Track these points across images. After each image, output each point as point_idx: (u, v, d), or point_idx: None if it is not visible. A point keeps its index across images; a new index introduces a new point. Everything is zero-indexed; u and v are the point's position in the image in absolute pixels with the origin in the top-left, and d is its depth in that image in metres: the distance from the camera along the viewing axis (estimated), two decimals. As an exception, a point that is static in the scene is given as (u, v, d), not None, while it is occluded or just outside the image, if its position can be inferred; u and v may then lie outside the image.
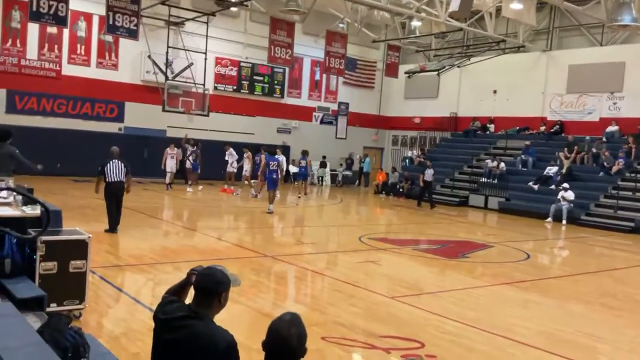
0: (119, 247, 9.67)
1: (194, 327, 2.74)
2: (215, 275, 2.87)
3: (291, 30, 21.79)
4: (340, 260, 10.20)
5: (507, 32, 24.43)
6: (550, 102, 23.55)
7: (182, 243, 10.58)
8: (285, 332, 2.45)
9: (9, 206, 5.78)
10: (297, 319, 2.54)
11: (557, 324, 6.67)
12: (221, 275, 2.88)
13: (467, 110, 26.51)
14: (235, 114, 25.14)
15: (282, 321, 2.50)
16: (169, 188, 18.97)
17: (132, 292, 6.79)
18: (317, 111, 28.06)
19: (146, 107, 22.39)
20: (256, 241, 11.53)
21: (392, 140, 30.38)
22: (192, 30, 22.20)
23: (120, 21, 18.31)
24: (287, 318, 2.52)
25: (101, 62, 21.94)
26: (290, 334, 2.45)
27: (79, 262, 5.35)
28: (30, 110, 20.54)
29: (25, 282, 4.89)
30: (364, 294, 7.47)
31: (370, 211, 20.10)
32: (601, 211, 17.91)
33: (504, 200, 20.36)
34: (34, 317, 4.13)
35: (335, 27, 24.34)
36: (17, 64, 20.23)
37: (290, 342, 2.44)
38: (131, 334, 5.26)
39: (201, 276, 2.89)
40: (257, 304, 6.58)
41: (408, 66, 27.89)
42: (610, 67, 21.49)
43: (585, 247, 14.09)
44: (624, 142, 20.04)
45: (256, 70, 25.59)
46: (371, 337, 5.62)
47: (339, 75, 24.95)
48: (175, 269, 8.20)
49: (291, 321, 2.50)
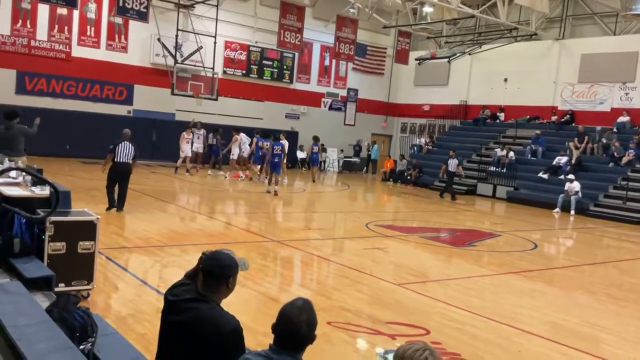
0: (127, 229, 9.72)
1: (199, 311, 2.75)
2: (223, 259, 2.86)
3: (301, 14, 21.66)
4: (346, 246, 10.21)
5: (519, 19, 24.16)
6: (562, 91, 23.36)
7: (190, 226, 10.62)
8: (296, 319, 2.46)
9: (18, 186, 5.82)
10: (309, 305, 2.55)
11: (563, 314, 6.66)
12: (228, 259, 2.87)
13: (477, 98, 26.34)
14: (244, 98, 25.11)
15: (294, 307, 2.51)
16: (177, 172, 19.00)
17: (140, 274, 6.84)
18: (326, 97, 27.96)
19: (155, 90, 22.40)
20: (263, 226, 11.56)
21: (400, 127, 30.26)
22: (202, 14, 22.12)
23: (130, 3, 18.28)
24: (299, 304, 2.53)
25: (111, 45, 21.93)
26: (301, 320, 2.47)
27: (88, 243, 5.38)
28: (40, 92, 20.60)
29: (34, 262, 4.92)
30: (370, 280, 7.49)
31: (377, 198, 20.09)
32: (610, 202, 17.81)
33: (512, 190, 20.28)
34: (43, 297, 4.17)
35: (346, 12, 24.17)
36: (27, 45, 20.25)
37: (301, 328, 2.45)
38: (138, 315, 5.31)
39: (208, 260, 2.87)
40: (263, 287, 6.61)
41: (418, 53, 27.68)
42: (623, 57, 21.25)
43: (593, 238, 14.04)
44: (634, 133, 19.86)
45: (265, 55, 25.50)
46: (377, 323, 5.64)
47: (349, 61, 24.82)
48: (182, 252, 8.25)
49: (302, 307, 2.51)
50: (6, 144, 9.19)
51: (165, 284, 6.68)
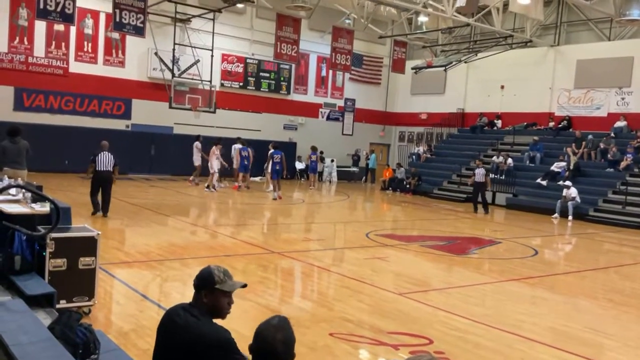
0: (127, 244, 9.72)
1: (191, 322, 2.77)
2: (202, 272, 2.87)
3: (297, 26, 21.76)
4: (347, 256, 10.21)
5: (514, 27, 24.32)
6: (558, 97, 23.45)
7: (190, 239, 10.62)
8: (271, 338, 2.38)
9: (18, 203, 5.82)
10: (284, 322, 2.46)
11: (565, 320, 6.66)
12: (207, 273, 2.85)
13: (474, 106, 26.43)
14: (242, 110, 25.18)
15: (269, 325, 2.43)
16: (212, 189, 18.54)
17: (141, 289, 6.83)
18: (324, 107, 28.04)
19: (153, 104, 22.47)
20: (263, 237, 11.55)
21: (398, 136, 30.33)
22: (199, 27, 22.23)
23: (126, 18, 18.34)
24: (274, 322, 2.45)
25: (108, 60, 22.02)
26: (276, 339, 2.38)
27: (88, 258, 5.38)
28: (38, 108, 20.64)
29: (35, 278, 4.92)
30: (371, 290, 7.48)
31: (377, 207, 20.09)
32: (609, 207, 17.83)
33: (511, 196, 20.30)
34: (44, 314, 4.17)
35: (342, 23, 24.29)
36: (25, 62, 20.32)
37: (277, 347, 2.37)
38: (140, 330, 5.29)
39: (196, 277, 2.91)
40: (264, 300, 6.60)
41: (415, 62, 27.80)
42: (619, 62, 21.36)
43: (593, 243, 14.04)
44: (632, 138, 19.92)
45: (262, 67, 25.60)
46: (379, 333, 5.63)
47: (346, 71, 24.90)
48: (183, 266, 8.25)
49: (278, 326, 2.43)
50: (14, 158, 9.71)
51: (166, 298, 6.68)
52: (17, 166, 9.56)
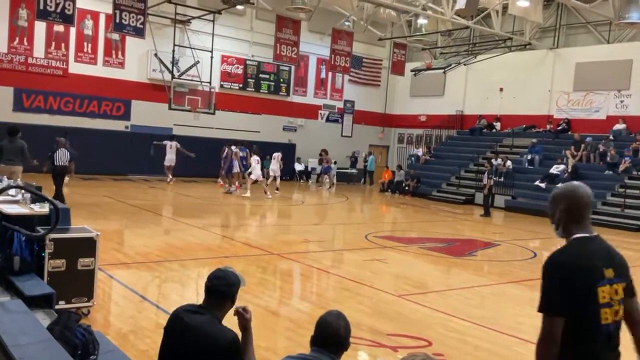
0: (126, 245, 9.72)
1: (199, 324, 2.82)
2: (229, 277, 2.96)
3: (297, 28, 21.77)
4: (346, 258, 10.21)
5: (513, 29, 24.34)
6: (557, 100, 23.46)
7: (189, 240, 10.61)
8: (335, 324, 2.73)
9: (17, 204, 5.82)
10: (343, 314, 2.82)
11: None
12: (234, 277, 2.98)
13: (473, 108, 26.45)
14: (241, 112, 25.18)
15: (331, 315, 2.78)
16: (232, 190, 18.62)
17: (140, 290, 6.82)
18: (323, 109, 28.05)
19: (152, 105, 22.46)
20: (262, 239, 11.55)
21: (397, 138, 30.34)
22: (199, 29, 22.22)
23: (126, 19, 18.35)
24: (335, 312, 2.81)
25: (108, 61, 22.01)
26: (340, 324, 2.74)
27: (87, 259, 5.38)
28: (38, 109, 20.63)
29: (34, 279, 4.92)
30: (371, 292, 7.48)
31: (376, 209, 20.10)
32: (608, 209, 17.84)
33: (510, 199, 20.31)
34: (43, 315, 4.16)
35: (341, 25, 24.31)
36: (25, 62, 20.31)
37: (340, 331, 2.72)
38: (139, 331, 5.29)
39: (215, 279, 2.95)
40: (264, 301, 6.60)
41: (414, 64, 27.81)
42: (618, 64, 21.38)
43: (592, 246, 14.02)
44: (630, 140, 19.94)
45: (262, 69, 25.61)
46: (378, 335, 5.63)
47: (345, 73, 24.92)
48: (181, 267, 8.25)
49: (339, 315, 2.80)
50: (10, 156, 10.34)
51: (165, 299, 6.68)
52: (12, 163, 10.19)
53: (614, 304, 2.53)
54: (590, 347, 2.51)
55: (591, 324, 2.48)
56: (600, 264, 2.53)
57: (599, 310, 2.48)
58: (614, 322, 2.57)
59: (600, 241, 2.66)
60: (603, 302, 2.49)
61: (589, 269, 2.50)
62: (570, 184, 2.80)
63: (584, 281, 2.47)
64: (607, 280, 2.51)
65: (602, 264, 2.54)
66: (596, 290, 2.47)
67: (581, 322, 2.47)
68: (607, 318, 2.52)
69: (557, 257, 2.56)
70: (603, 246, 2.65)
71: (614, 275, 2.55)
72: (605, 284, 2.50)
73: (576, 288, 2.45)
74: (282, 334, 5.64)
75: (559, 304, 2.47)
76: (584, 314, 2.47)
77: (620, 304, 2.58)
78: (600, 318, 2.50)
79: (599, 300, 2.48)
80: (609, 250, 2.64)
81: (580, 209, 2.69)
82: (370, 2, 21.62)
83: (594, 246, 2.61)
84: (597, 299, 2.47)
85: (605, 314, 2.51)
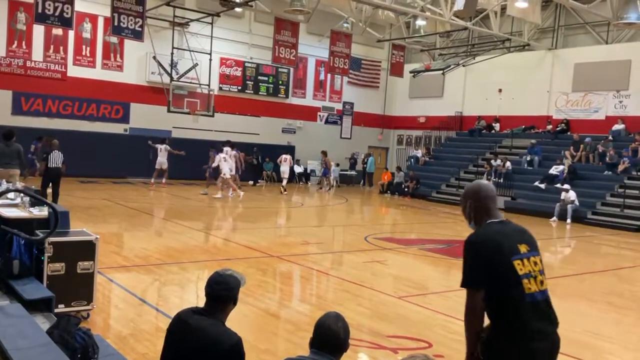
0: (125, 248, 9.71)
1: (202, 326, 2.83)
2: (229, 282, 2.97)
3: (295, 30, 21.78)
4: (346, 260, 10.20)
5: (512, 30, 24.36)
6: (556, 100, 23.48)
7: (188, 243, 10.60)
8: (335, 326, 2.72)
9: (16, 207, 5.81)
10: (342, 315, 2.83)
11: (564, 324, 6.59)
12: (234, 281, 2.99)
13: (472, 109, 26.46)
14: (240, 114, 25.18)
15: (329, 317, 2.77)
16: None
17: (139, 293, 6.81)
18: (322, 111, 28.06)
19: (151, 108, 22.47)
20: (262, 241, 11.53)
21: (397, 139, 30.35)
22: (197, 31, 22.24)
23: (125, 22, 18.33)
24: (333, 314, 2.80)
25: (106, 64, 22.02)
26: (338, 326, 2.73)
27: (87, 263, 5.37)
28: (36, 112, 20.63)
29: (34, 283, 4.91)
30: (371, 293, 7.48)
31: (375, 211, 20.09)
32: (608, 210, 17.84)
33: (509, 200, 20.31)
34: (43, 318, 4.16)
35: (340, 26, 24.33)
36: (23, 66, 20.31)
37: (339, 333, 2.71)
38: (139, 335, 5.28)
39: (215, 284, 2.95)
40: (264, 304, 6.59)
41: (413, 65, 27.84)
42: (616, 65, 21.41)
43: (592, 246, 14.05)
44: (630, 141, 19.95)
45: (261, 71, 25.62)
46: (378, 337, 5.62)
47: (344, 75, 24.92)
48: (181, 269, 8.24)
49: (337, 317, 2.79)
50: (6, 159, 10.49)
51: (165, 302, 6.67)
52: (9, 166, 10.37)
53: (535, 275, 2.79)
54: (518, 315, 2.73)
55: (515, 293, 2.71)
56: (512, 241, 2.81)
57: (520, 280, 2.72)
58: (540, 291, 2.80)
59: (510, 224, 2.94)
60: (522, 273, 2.73)
61: (501, 244, 2.77)
62: (475, 182, 3.15)
63: (498, 256, 2.74)
64: (523, 254, 2.78)
65: (515, 240, 2.82)
66: (512, 262, 2.73)
67: (506, 293, 2.73)
68: (530, 288, 2.75)
69: (472, 237, 2.86)
70: (513, 227, 2.94)
71: (528, 250, 2.82)
72: (521, 257, 2.77)
73: (492, 262, 2.73)
74: (282, 336, 5.63)
75: (477, 279, 2.77)
76: (505, 285, 2.73)
77: (542, 274, 2.84)
78: (523, 288, 2.72)
79: (517, 271, 2.72)
80: (520, 230, 2.95)
81: (485, 201, 2.95)
82: (369, 3, 21.64)
83: (504, 227, 2.89)
84: (516, 271, 2.72)
85: (527, 283, 2.74)
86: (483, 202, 2.95)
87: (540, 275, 2.82)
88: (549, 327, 2.90)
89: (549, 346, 2.91)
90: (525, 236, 2.91)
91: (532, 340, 2.75)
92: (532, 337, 2.75)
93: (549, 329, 2.90)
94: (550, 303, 2.94)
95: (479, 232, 2.89)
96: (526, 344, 2.74)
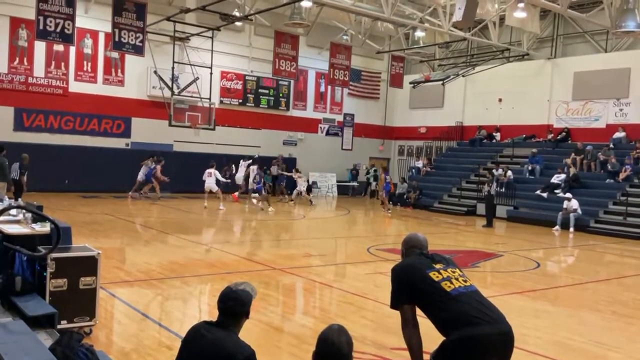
0: (128, 263, 9.70)
1: (217, 338, 2.87)
2: (242, 297, 3.00)
3: (295, 43, 21.90)
4: (349, 271, 10.17)
5: (511, 40, 24.47)
6: (556, 109, 23.52)
7: (191, 257, 10.58)
8: (337, 339, 2.69)
9: (18, 224, 5.82)
10: (344, 328, 2.81)
11: (569, 333, 6.61)
12: (245, 295, 3.01)
13: (472, 119, 26.51)
14: (241, 127, 25.24)
15: (332, 330, 2.76)
16: None
17: (142, 308, 6.79)
18: (323, 123, 28.12)
19: (153, 122, 22.53)
20: (264, 254, 11.52)
21: (398, 150, 30.38)
22: (197, 45, 22.36)
23: (126, 38, 18.46)
24: (336, 327, 2.78)
25: (107, 79, 22.12)
26: (341, 340, 2.71)
27: (89, 278, 5.36)
28: (38, 128, 20.69)
29: (36, 299, 4.91)
30: (374, 305, 7.45)
31: (378, 222, 20.05)
32: (610, 218, 17.81)
33: (512, 209, 20.28)
34: (45, 335, 4.15)
35: (339, 39, 24.44)
36: (25, 82, 20.41)
37: (342, 348, 2.68)
38: (142, 350, 5.26)
39: (228, 300, 2.98)
40: (267, 317, 6.57)
41: (412, 76, 27.95)
42: (616, 73, 21.46)
43: (595, 255, 14.00)
44: (631, 149, 19.95)
45: (261, 84, 25.72)
46: (382, 349, 5.59)
47: (344, 86, 25.01)
48: (183, 284, 8.22)
49: (340, 330, 2.77)
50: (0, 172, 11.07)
51: (167, 317, 6.65)
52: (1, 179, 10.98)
53: (456, 277, 3.24)
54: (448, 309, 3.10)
55: (438, 295, 3.14)
56: (426, 262, 3.34)
57: (439, 284, 3.17)
58: (464, 287, 3.21)
59: (431, 254, 3.45)
60: (439, 279, 3.19)
61: (415, 264, 3.34)
62: (409, 234, 3.79)
63: (414, 272, 3.29)
64: (438, 268, 3.27)
65: (429, 262, 3.34)
66: (427, 274, 3.22)
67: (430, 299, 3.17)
68: (451, 286, 3.17)
69: (395, 266, 3.47)
70: (433, 254, 3.44)
71: (443, 266, 3.31)
72: (437, 270, 3.25)
73: (410, 278, 3.27)
74: (285, 350, 5.60)
75: (401, 297, 3.29)
76: (427, 293, 3.17)
77: (464, 276, 3.30)
78: (443, 287, 3.16)
79: (434, 279, 3.19)
80: (439, 256, 3.43)
81: (412, 247, 3.60)
82: (368, 16, 21.76)
83: (420, 257, 3.44)
84: (432, 279, 3.19)
85: (446, 284, 3.18)
86: (411, 248, 3.61)
87: (461, 278, 3.24)
88: (487, 311, 3.13)
89: (496, 330, 3.07)
90: (443, 259, 3.40)
91: (474, 325, 3.01)
92: (471, 322, 3.02)
93: (488, 314, 3.12)
94: (482, 295, 3.26)
95: (401, 261, 3.52)
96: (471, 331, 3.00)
